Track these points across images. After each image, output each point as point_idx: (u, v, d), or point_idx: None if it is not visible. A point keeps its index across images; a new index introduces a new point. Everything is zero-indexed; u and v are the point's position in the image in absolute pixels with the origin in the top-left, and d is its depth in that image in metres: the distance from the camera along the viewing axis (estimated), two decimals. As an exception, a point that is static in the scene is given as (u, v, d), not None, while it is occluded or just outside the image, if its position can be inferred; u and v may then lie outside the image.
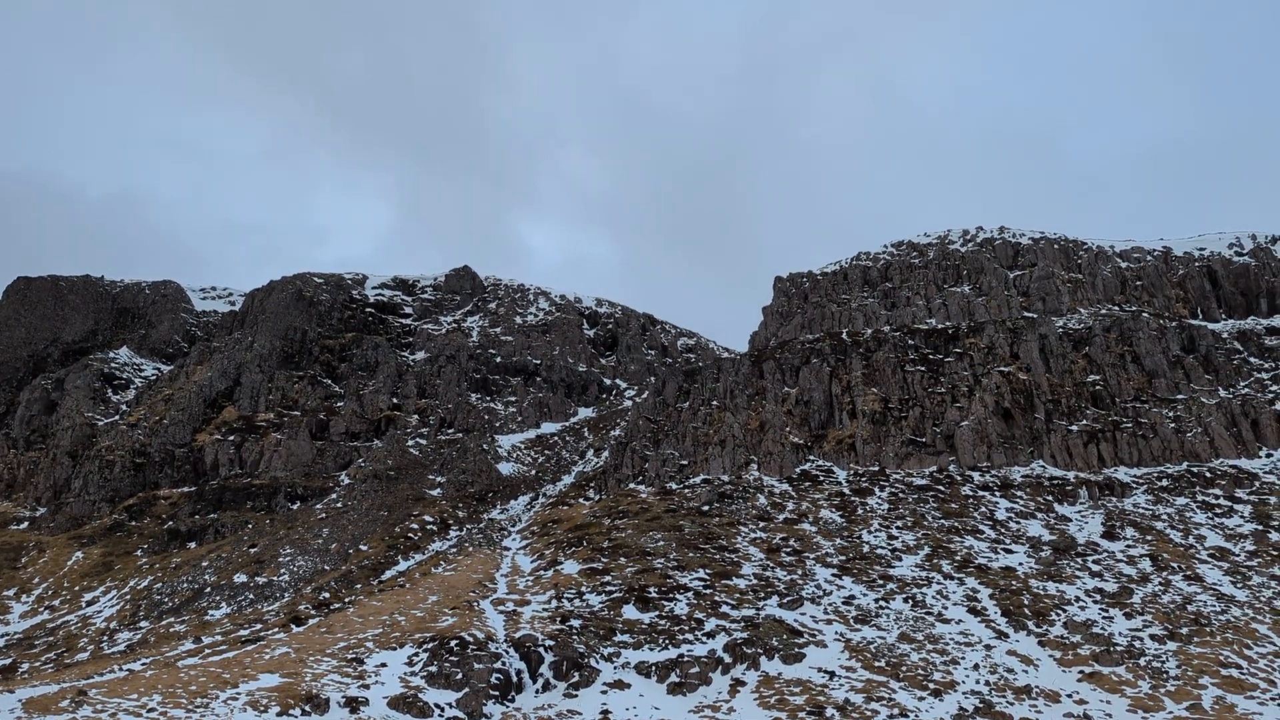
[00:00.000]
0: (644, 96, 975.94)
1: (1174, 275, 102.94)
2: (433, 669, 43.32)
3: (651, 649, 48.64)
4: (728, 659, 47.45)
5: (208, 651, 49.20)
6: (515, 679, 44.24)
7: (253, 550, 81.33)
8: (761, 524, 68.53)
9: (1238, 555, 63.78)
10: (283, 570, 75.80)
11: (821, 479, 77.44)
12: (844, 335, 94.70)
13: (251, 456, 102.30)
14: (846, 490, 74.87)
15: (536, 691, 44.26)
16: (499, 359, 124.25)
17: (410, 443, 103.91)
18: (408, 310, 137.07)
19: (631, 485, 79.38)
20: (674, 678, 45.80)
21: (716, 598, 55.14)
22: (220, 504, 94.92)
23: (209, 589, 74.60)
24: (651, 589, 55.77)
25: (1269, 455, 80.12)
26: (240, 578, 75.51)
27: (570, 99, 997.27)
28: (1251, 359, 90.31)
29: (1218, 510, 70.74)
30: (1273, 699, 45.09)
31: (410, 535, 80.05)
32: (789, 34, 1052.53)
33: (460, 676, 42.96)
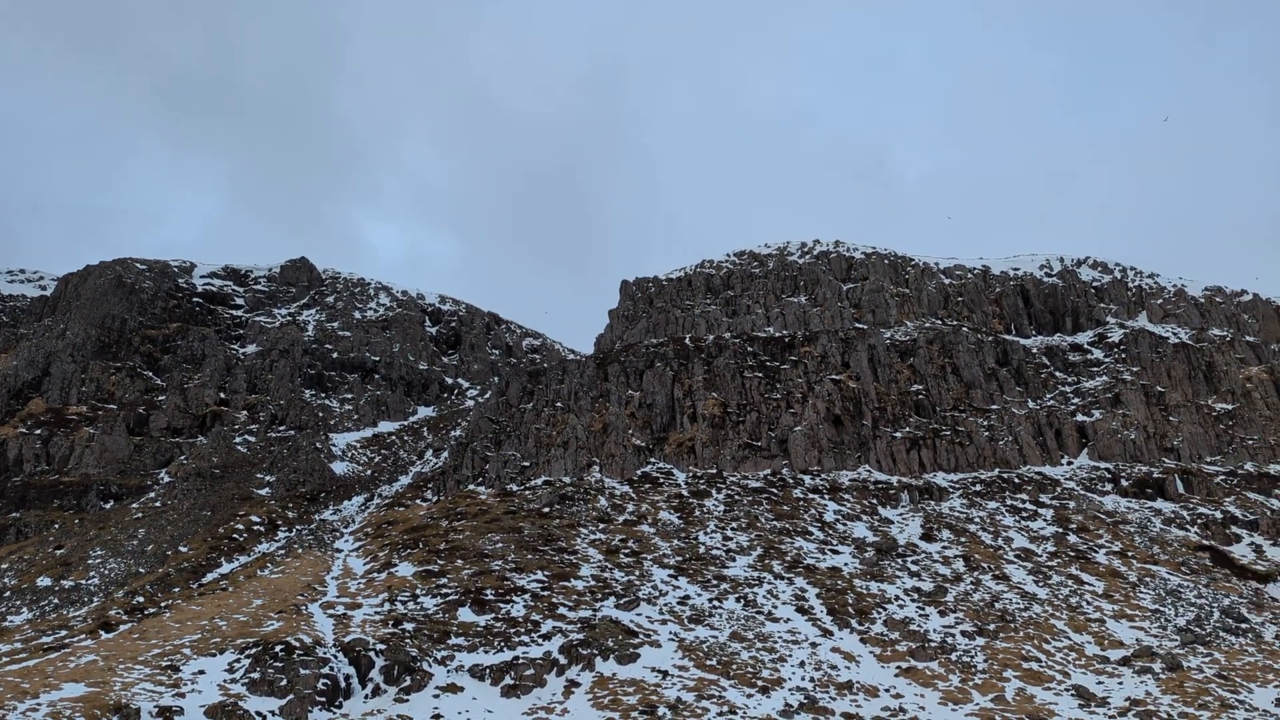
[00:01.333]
0: (491, 95, 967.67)
1: (991, 293, 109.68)
2: (255, 675, 41.58)
3: (487, 652, 48.21)
4: (563, 660, 47.55)
5: (5, 660, 45.63)
6: (344, 684, 42.99)
7: (59, 551, 75.96)
8: (602, 526, 68.99)
9: (1040, 556, 68.52)
10: (92, 573, 71.12)
11: (662, 481, 78.64)
12: (687, 340, 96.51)
13: (61, 452, 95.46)
14: (685, 492, 76.29)
15: (366, 697, 43.15)
16: (336, 355, 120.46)
17: (238, 440, 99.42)
18: (239, 301, 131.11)
19: (471, 486, 78.44)
20: (508, 680, 45.55)
21: (554, 599, 55.17)
22: (24, 503, 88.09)
23: (8, 593, 69.23)
24: (488, 591, 55.29)
25: (1070, 463, 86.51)
26: (44, 581, 70.40)
27: (415, 94, 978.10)
28: (1057, 373, 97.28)
29: (1024, 514, 75.83)
30: (1066, 689, 48.67)
31: (235, 536, 76.54)
32: (635, 42, 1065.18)
33: (285, 683, 41.41)
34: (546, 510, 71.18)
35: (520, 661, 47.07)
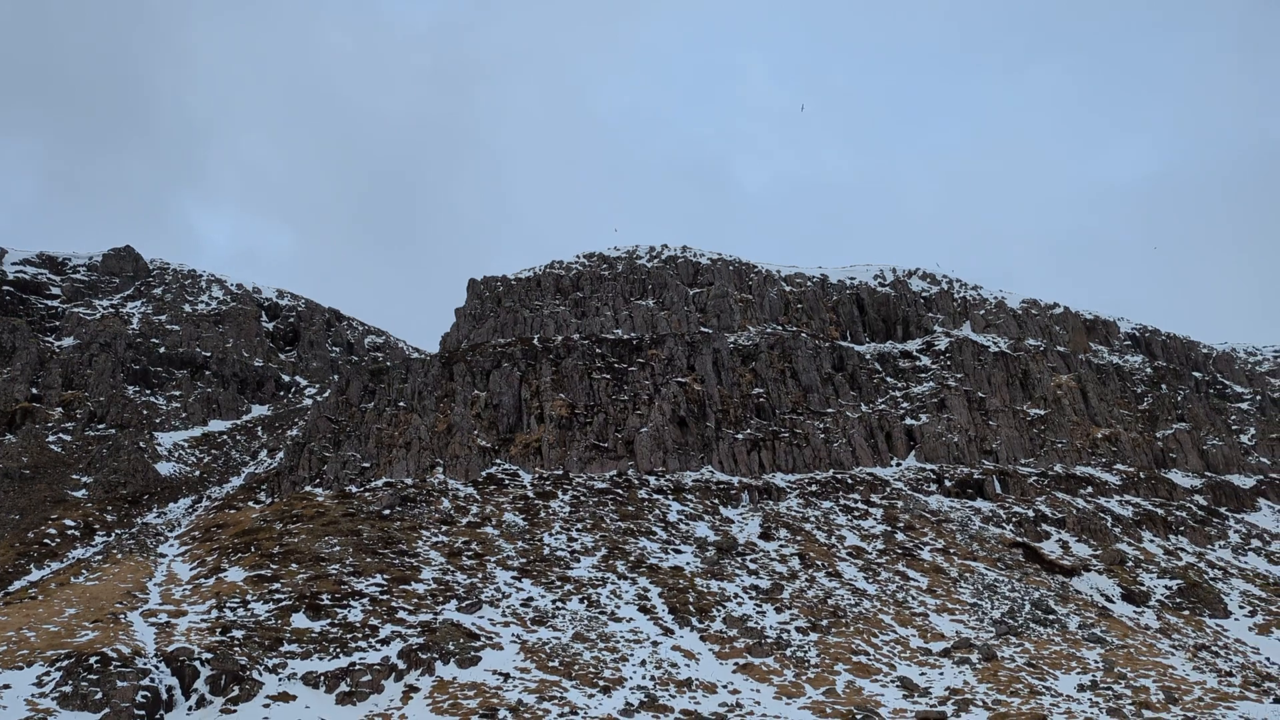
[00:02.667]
0: (332, 88, 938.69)
1: (829, 300, 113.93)
2: (67, 689, 38.95)
3: (321, 658, 46.71)
4: (402, 665, 46.57)
5: None
6: (166, 696, 40.79)
7: None
8: (444, 528, 67.92)
9: (870, 554, 71.61)
10: (-123, 584, 64.95)
11: (507, 482, 78.05)
12: (535, 341, 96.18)
13: None
14: (531, 494, 75.98)
15: (190, 709, 41.09)
16: (163, 349, 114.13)
17: (52, 438, 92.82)
18: (55, 291, 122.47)
19: (308, 488, 75.83)
20: (344, 687, 44.25)
21: (394, 603, 53.96)
22: None
23: None
24: (324, 596, 53.57)
25: (899, 464, 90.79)
26: None
27: (251, 81, 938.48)
28: (888, 379, 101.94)
29: (856, 513, 79.10)
30: (892, 681, 51.05)
31: (47, 541, 71.47)
32: (482, 41, 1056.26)
33: (100, 696, 38.96)
34: (387, 512, 69.53)
35: (357, 668, 45.82)
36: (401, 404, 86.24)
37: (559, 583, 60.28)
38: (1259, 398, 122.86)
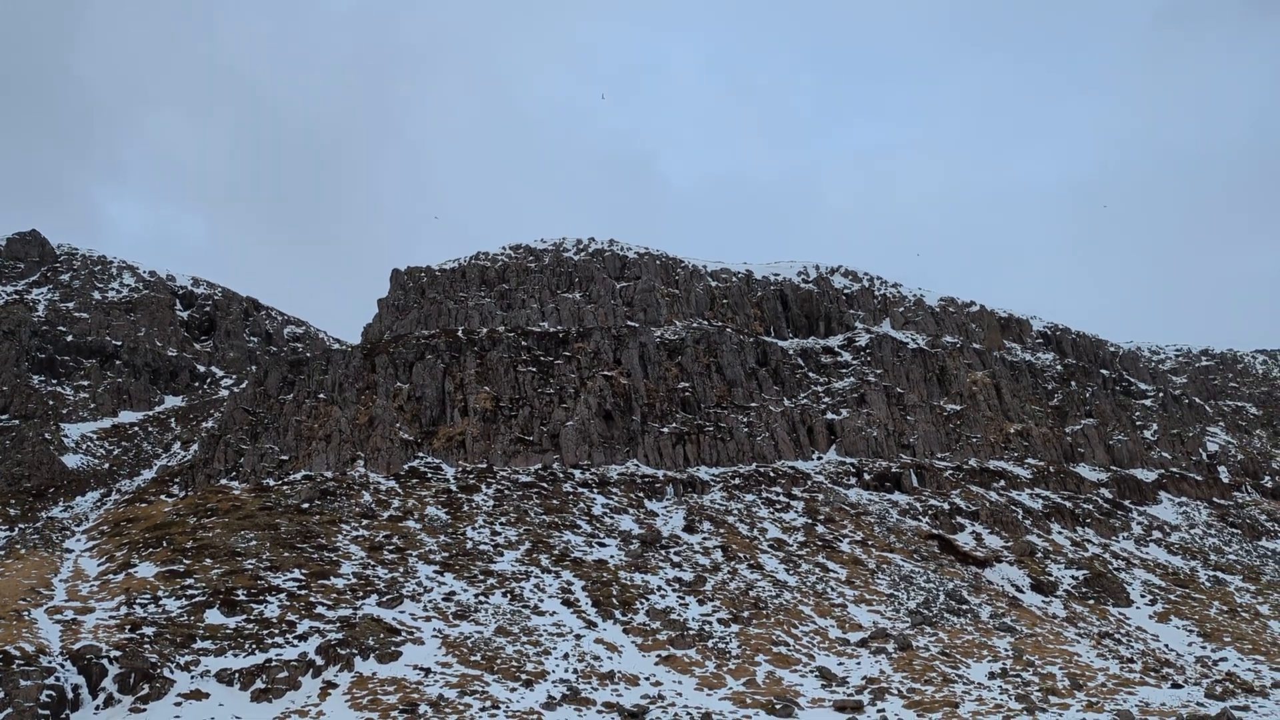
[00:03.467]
0: (249, 71, 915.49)
1: (754, 296, 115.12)
2: (-36, 692, 37.44)
3: (236, 655, 45.72)
4: (320, 661, 45.84)
5: None
6: (71, 696, 39.49)
7: None
8: (365, 522, 66.97)
9: (792, 546, 72.71)
10: None
11: (430, 476, 77.28)
12: (460, 333, 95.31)
13: None
14: (454, 487, 75.35)
15: (97, 708, 39.84)
16: (71, 338, 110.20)
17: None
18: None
19: (224, 481, 74.09)
20: (259, 684, 43.37)
21: (312, 598, 53.06)
22: None
23: None
24: (240, 591, 52.42)
25: (820, 458, 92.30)
26: None
27: (162, 62, 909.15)
28: (811, 374, 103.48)
29: (778, 506, 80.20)
30: (811, 671, 51.97)
31: (-57, 537, 68.51)
32: (404, 28, 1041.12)
33: (2, 696, 37.56)
34: (306, 506, 68.29)
35: (273, 664, 44.95)
36: (322, 396, 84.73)
37: (482, 577, 59.95)
38: (1161, 395, 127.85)
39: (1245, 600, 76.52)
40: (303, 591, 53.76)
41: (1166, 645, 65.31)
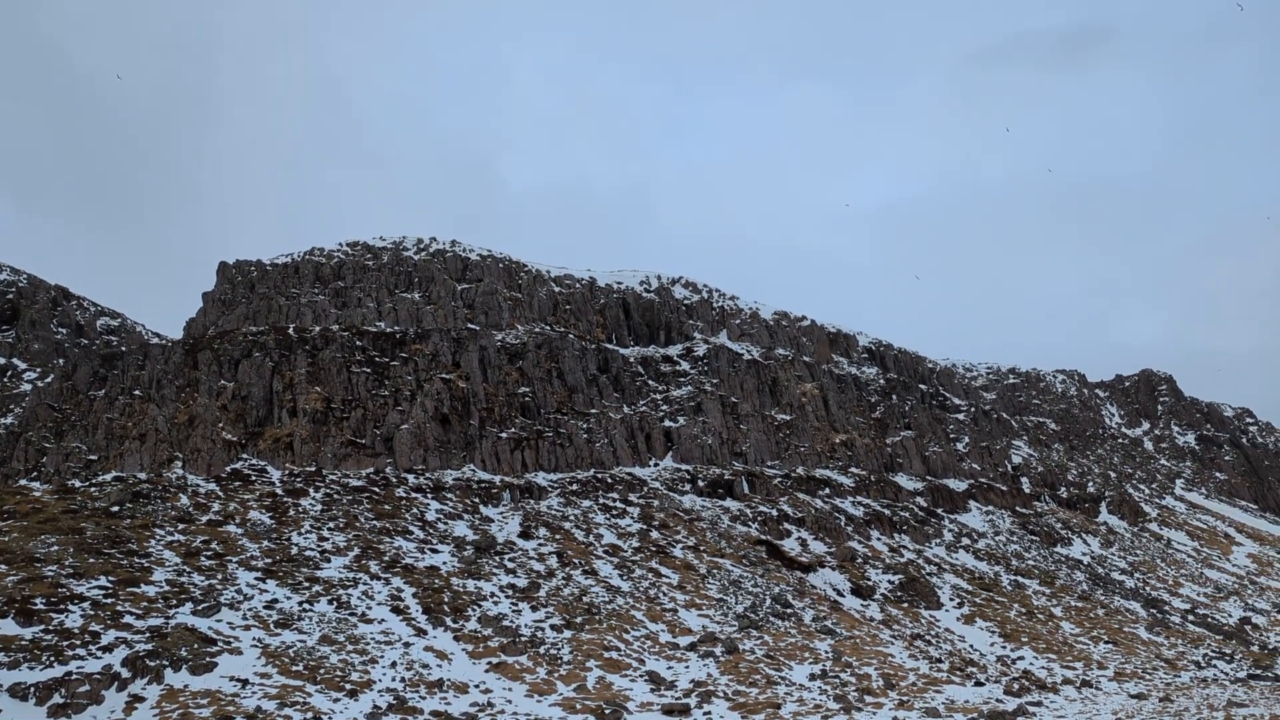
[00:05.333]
0: (56, 47, 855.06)
1: (597, 303, 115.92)
2: None
3: (33, 668, 42.49)
4: (126, 673, 43.19)
5: None
6: None
7: None
8: (182, 526, 63.50)
9: (626, 551, 73.51)
10: None
11: (254, 479, 74.06)
12: (291, 330, 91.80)
13: None
14: (280, 491, 72.46)
15: None
16: None
17: None
18: None
19: (24, 482, 68.80)
20: (58, 698, 40.47)
21: (120, 607, 49.90)
22: None
23: None
24: (38, 600, 48.75)
25: (657, 464, 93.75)
26: None
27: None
28: (650, 382, 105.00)
29: (614, 512, 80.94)
30: (641, 675, 52.67)
31: None
32: (230, 14, 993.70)
33: None
34: (116, 509, 64.19)
35: (74, 677, 42.03)
36: (137, 392, 79.92)
37: (307, 583, 57.88)
38: (973, 409, 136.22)
39: (1041, 603, 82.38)
40: (109, 600, 50.49)
41: (971, 646, 69.55)
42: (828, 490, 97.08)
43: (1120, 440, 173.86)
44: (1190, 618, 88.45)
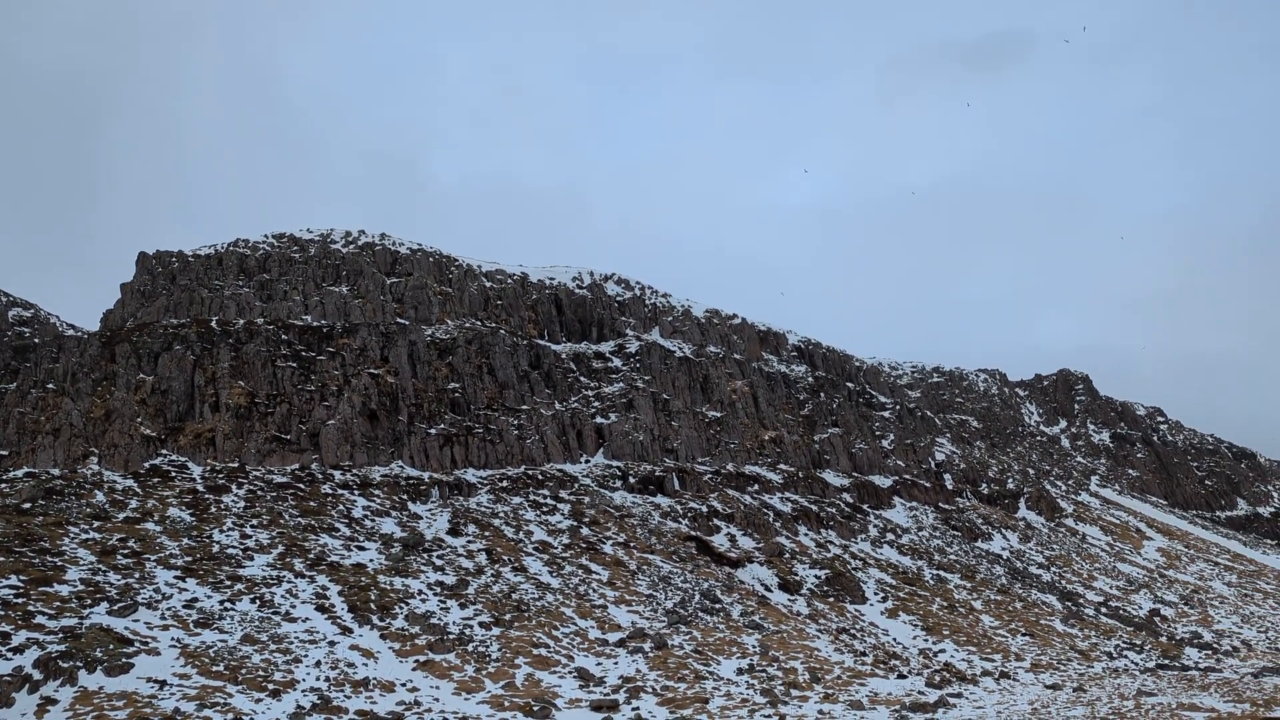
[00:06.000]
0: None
1: (529, 299, 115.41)
2: None
3: (-65, 673, 40.93)
4: (37, 675, 41.82)
5: None
6: None
7: None
8: (97, 523, 61.64)
9: (556, 548, 73.41)
10: None
11: (174, 475, 72.20)
12: (214, 323, 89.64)
13: None
14: (201, 487, 70.77)
15: None
16: None
17: None
18: None
19: (-74, 478, 66.06)
20: (-37, 705, 39.03)
21: (31, 607, 48.28)
22: None
23: None
24: (-58, 602, 46.93)
25: (588, 461, 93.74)
26: None
27: None
28: (582, 378, 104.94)
29: (544, 508, 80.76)
30: (570, 672, 52.70)
31: None
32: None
33: None
34: (28, 506, 62.04)
35: (-20, 682, 40.57)
36: (51, 386, 77.30)
37: (229, 582, 56.66)
38: (898, 407, 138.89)
39: (962, 597, 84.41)
40: (20, 600, 48.82)
41: (895, 639, 70.97)
42: (757, 486, 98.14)
43: (1039, 438, 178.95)
44: (1103, 610, 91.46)
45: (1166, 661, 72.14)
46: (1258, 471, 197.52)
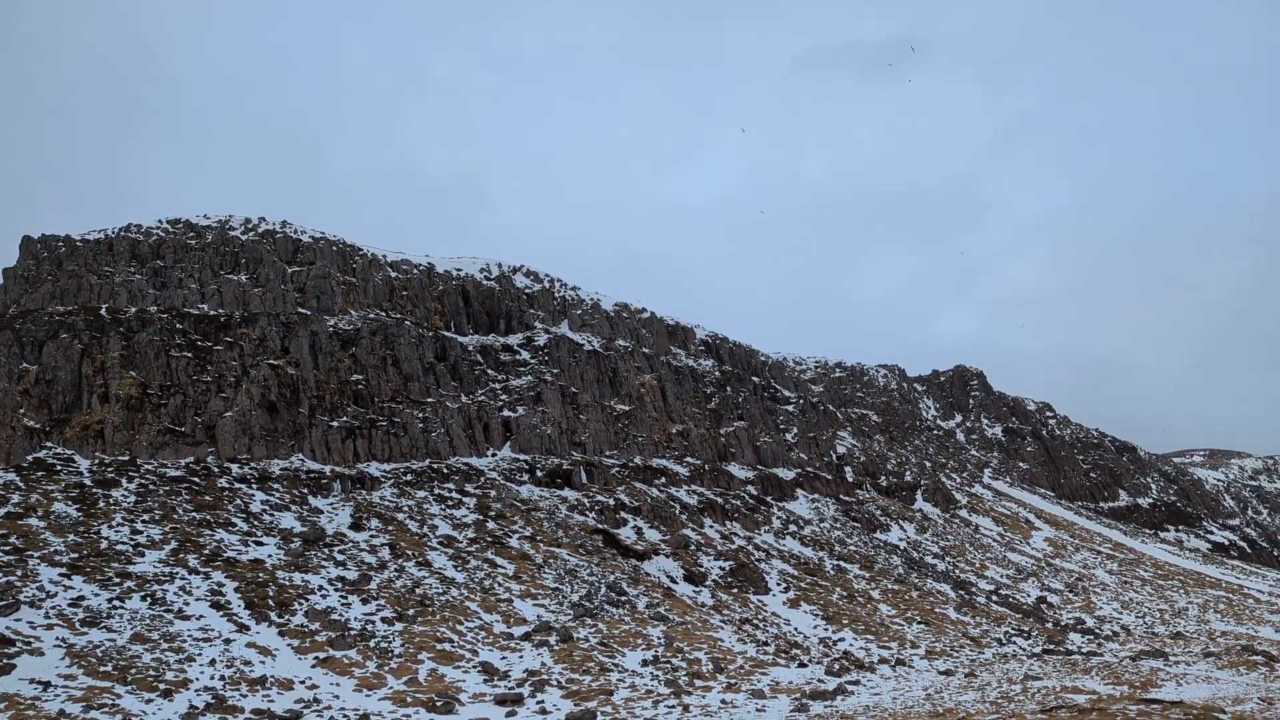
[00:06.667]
0: None
1: (435, 290, 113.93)
2: None
3: None
4: (-92, 681, 39.75)
5: None
6: None
7: None
8: (-26, 519, 58.77)
9: (462, 542, 72.82)
10: None
11: (60, 468, 69.26)
12: (103, 311, 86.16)
13: None
14: (89, 481, 68.06)
15: None
16: None
17: None
18: None
19: None
20: None
21: (-100, 609, 45.85)
22: None
23: None
24: None
25: (495, 454, 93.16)
26: None
27: None
28: (489, 371, 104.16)
29: (449, 502, 79.99)
30: (474, 666, 52.41)
31: None
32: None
33: None
34: (-102, 502, 58.82)
35: None
36: (-76, 374, 73.31)
37: (118, 579, 54.67)
38: (802, 401, 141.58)
39: (861, 586, 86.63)
40: (-112, 601, 46.31)
41: (796, 628, 72.47)
42: (664, 479, 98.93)
43: (935, 431, 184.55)
44: (994, 598, 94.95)
45: (1052, 647, 75.29)
46: (1138, 464, 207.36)
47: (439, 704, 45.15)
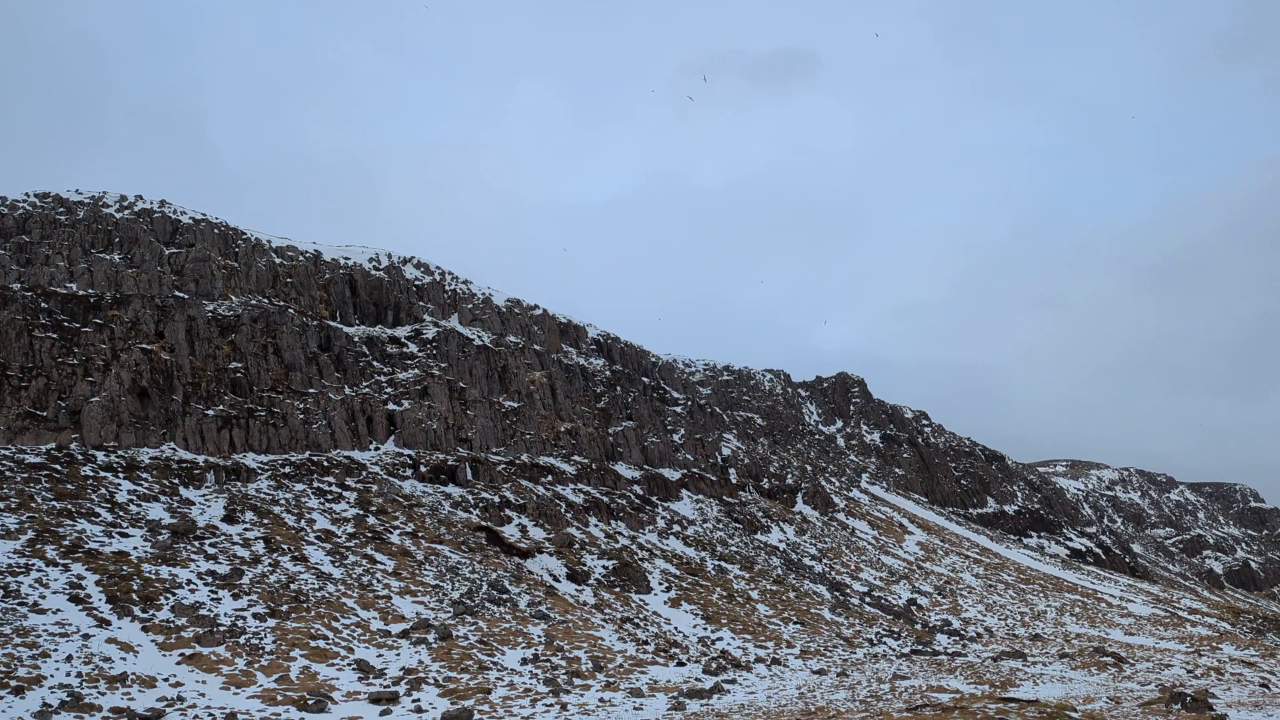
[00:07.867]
0: None
1: (321, 278, 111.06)
2: None
3: None
4: None
5: None
6: None
7: None
8: None
9: (340, 537, 71.27)
10: None
11: (-97, 452, 65.00)
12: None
13: None
14: (-64, 466, 64.07)
15: None
16: None
17: None
18: None
19: None
20: None
21: None
22: None
23: None
24: None
25: (378, 448, 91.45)
26: None
27: None
28: (375, 362, 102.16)
29: (329, 496, 78.18)
30: (349, 664, 51.41)
31: None
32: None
33: None
34: None
35: None
36: None
37: (-33, 571, 51.64)
38: (690, 403, 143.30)
39: (741, 586, 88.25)
40: None
41: (676, 628, 73.36)
42: (551, 477, 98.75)
43: (817, 436, 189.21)
44: (867, 600, 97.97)
45: (920, 647, 78.14)
46: (1005, 473, 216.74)
47: (311, 702, 44.13)
